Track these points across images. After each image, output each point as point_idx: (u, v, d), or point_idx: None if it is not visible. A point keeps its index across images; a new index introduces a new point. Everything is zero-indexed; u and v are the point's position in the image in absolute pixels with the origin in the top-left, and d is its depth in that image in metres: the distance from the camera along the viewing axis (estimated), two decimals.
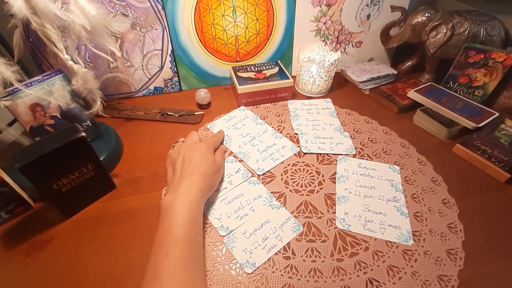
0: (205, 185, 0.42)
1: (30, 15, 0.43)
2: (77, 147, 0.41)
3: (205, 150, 0.46)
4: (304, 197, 0.48)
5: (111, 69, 0.67)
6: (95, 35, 0.50)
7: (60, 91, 0.48)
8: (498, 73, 0.62)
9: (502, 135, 0.55)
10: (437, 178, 0.51)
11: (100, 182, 0.48)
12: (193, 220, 0.37)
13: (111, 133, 0.58)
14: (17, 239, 0.43)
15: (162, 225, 0.36)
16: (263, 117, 0.65)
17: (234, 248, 0.41)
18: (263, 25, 0.71)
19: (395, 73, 0.76)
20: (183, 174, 0.42)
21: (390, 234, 0.42)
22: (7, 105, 0.44)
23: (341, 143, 0.57)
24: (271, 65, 0.72)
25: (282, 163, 0.54)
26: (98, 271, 0.39)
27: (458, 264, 0.39)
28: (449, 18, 0.67)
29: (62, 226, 0.45)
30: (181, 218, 0.36)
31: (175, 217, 0.36)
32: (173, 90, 0.75)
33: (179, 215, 0.36)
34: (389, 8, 0.73)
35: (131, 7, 0.62)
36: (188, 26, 0.67)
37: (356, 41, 0.79)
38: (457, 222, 0.44)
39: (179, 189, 0.39)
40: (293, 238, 0.42)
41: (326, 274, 0.38)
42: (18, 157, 0.37)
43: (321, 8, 0.71)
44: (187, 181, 0.40)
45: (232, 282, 0.37)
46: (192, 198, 0.39)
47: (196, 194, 0.40)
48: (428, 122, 0.61)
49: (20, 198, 0.45)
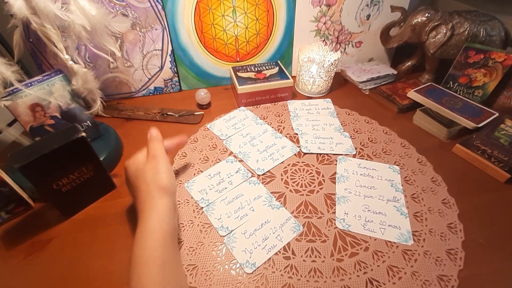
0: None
1: (30, 15, 0.43)
2: (77, 147, 0.41)
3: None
4: (304, 197, 0.48)
5: (111, 69, 0.67)
6: (95, 35, 0.50)
7: (60, 91, 0.48)
8: (498, 73, 0.62)
9: (502, 135, 0.55)
10: (437, 178, 0.51)
11: (100, 182, 0.48)
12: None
13: (111, 133, 0.58)
14: (17, 239, 0.43)
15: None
16: (263, 117, 0.65)
17: (234, 248, 0.41)
18: (263, 25, 0.71)
19: (395, 73, 0.76)
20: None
21: (390, 234, 0.42)
22: (7, 105, 0.44)
23: (341, 143, 0.57)
24: (271, 65, 0.72)
25: (282, 163, 0.54)
26: (98, 271, 0.39)
27: (458, 264, 0.39)
28: (449, 18, 0.67)
29: (62, 226, 0.45)
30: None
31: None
32: (173, 90, 0.75)
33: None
34: (389, 8, 0.73)
35: (131, 7, 0.62)
36: (188, 26, 0.67)
37: (356, 41, 0.79)
38: (457, 222, 0.44)
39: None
40: (293, 238, 0.42)
41: (326, 274, 0.38)
42: (18, 157, 0.37)
43: (321, 8, 0.71)
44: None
45: (232, 282, 0.37)
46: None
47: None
48: (428, 122, 0.61)
49: (20, 198, 0.45)
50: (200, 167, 0.53)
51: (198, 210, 0.46)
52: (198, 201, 0.47)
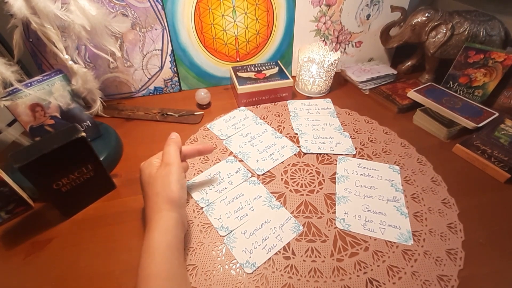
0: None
1: (30, 15, 0.43)
2: (77, 147, 0.41)
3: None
4: (304, 197, 0.48)
5: (111, 69, 0.67)
6: (95, 35, 0.50)
7: (60, 91, 0.48)
8: (498, 73, 0.62)
9: (502, 135, 0.55)
10: (437, 178, 0.51)
11: (100, 182, 0.48)
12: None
13: (111, 133, 0.58)
14: (17, 239, 0.43)
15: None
16: (263, 117, 0.65)
17: (234, 248, 0.41)
18: (263, 25, 0.71)
19: (395, 73, 0.76)
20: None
21: (390, 234, 0.42)
22: (7, 105, 0.44)
23: (341, 143, 0.57)
24: (271, 65, 0.72)
25: (282, 163, 0.54)
26: (98, 271, 0.39)
27: (458, 264, 0.39)
28: (449, 18, 0.67)
29: (62, 226, 0.45)
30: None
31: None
32: (173, 90, 0.75)
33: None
34: (389, 8, 0.73)
35: (131, 7, 0.62)
36: (188, 26, 0.67)
37: (356, 41, 0.79)
38: (457, 222, 0.44)
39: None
40: (293, 238, 0.42)
41: (326, 274, 0.38)
42: (18, 157, 0.37)
43: (321, 8, 0.71)
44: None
45: (232, 282, 0.37)
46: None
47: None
48: (428, 122, 0.61)
49: (20, 198, 0.45)
50: (200, 167, 0.53)
51: (198, 210, 0.46)
52: (198, 201, 0.47)
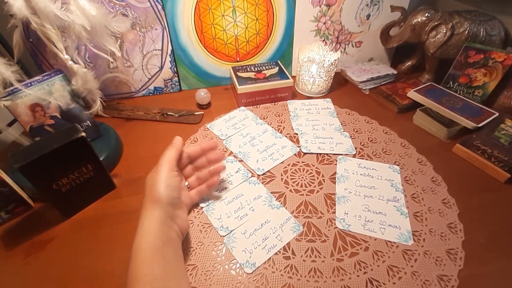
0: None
1: (30, 15, 0.43)
2: (77, 147, 0.41)
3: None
4: (304, 197, 0.48)
5: (111, 69, 0.67)
6: (95, 35, 0.50)
7: (60, 91, 0.48)
8: (498, 73, 0.62)
9: (502, 135, 0.55)
10: (437, 178, 0.51)
11: (100, 182, 0.48)
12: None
13: (111, 133, 0.58)
14: (17, 239, 0.43)
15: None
16: (263, 117, 0.65)
17: (234, 248, 0.41)
18: (263, 25, 0.71)
19: (395, 73, 0.76)
20: None
21: (390, 234, 0.42)
22: (7, 105, 0.44)
23: (341, 143, 0.57)
24: (271, 65, 0.72)
25: (282, 163, 0.54)
26: (98, 271, 0.39)
27: (458, 264, 0.39)
28: (449, 18, 0.67)
29: (62, 226, 0.45)
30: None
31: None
32: (173, 90, 0.75)
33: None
34: (389, 8, 0.73)
35: (131, 7, 0.62)
36: (188, 26, 0.67)
37: (356, 41, 0.79)
38: (457, 222, 0.44)
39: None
40: (293, 238, 0.42)
41: (326, 274, 0.38)
42: (18, 157, 0.37)
43: (321, 8, 0.71)
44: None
45: (232, 282, 0.37)
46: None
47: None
48: (428, 122, 0.61)
49: (20, 198, 0.45)
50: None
51: (198, 210, 0.46)
52: (198, 201, 0.47)
